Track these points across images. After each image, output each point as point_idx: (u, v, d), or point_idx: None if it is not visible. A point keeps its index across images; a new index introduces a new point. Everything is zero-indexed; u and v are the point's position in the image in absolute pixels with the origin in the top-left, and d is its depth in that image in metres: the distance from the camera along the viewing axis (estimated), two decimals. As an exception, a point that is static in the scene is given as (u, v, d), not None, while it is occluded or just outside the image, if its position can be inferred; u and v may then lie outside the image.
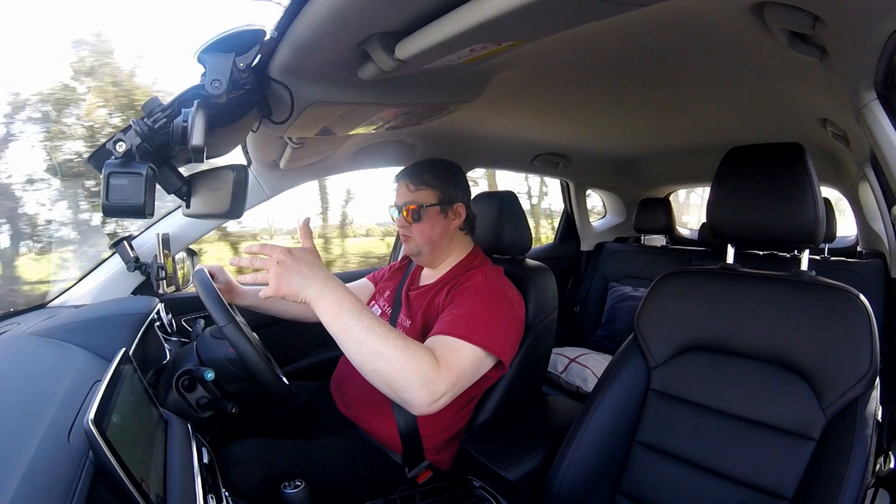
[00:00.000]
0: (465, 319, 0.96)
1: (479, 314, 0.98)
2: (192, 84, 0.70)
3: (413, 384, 0.80)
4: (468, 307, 1.00)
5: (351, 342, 0.79)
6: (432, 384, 0.82)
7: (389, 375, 0.80)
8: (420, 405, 0.82)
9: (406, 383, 0.80)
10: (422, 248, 1.16)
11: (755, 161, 0.92)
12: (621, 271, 2.44)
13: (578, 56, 0.93)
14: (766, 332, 0.87)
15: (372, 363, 0.79)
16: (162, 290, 1.26)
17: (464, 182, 1.21)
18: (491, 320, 0.99)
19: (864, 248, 2.02)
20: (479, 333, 0.94)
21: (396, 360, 0.79)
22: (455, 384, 0.87)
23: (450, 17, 0.60)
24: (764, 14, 0.71)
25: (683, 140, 1.82)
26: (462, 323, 0.95)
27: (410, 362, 0.80)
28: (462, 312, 0.98)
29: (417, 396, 0.81)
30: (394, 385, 0.80)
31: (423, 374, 0.81)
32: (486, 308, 1.00)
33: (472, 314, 0.98)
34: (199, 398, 0.86)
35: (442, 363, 0.86)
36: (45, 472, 0.44)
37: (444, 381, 0.84)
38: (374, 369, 0.80)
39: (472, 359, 0.92)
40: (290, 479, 0.84)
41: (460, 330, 0.93)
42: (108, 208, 0.71)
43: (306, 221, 0.87)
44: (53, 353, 0.77)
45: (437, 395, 0.83)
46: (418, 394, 0.81)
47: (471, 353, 0.92)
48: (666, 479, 0.91)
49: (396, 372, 0.79)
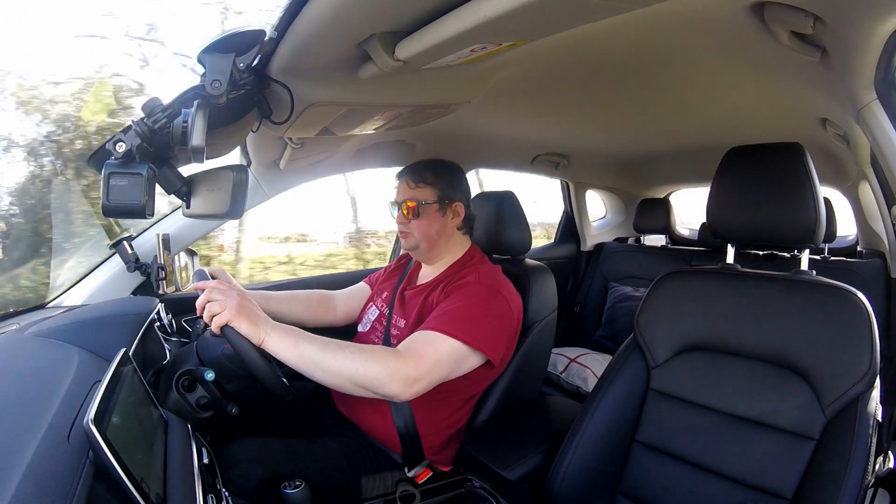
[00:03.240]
0: (451, 315, 0.98)
1: (467, 311, 1.00)
2: (192, 84, 0.70)
3: (382, 380, 0.86)
4: (458, 304, 1.01)
5: (314, 366, 0.85)
6: (399, 373, 0.88)
7: (358, 380, 0.86)
8: (398, 394, 0.88)
9: (376, 381, 0.86)
10: (419, 243, 1.16)
11: (755, 161, 0.92)
12: (621, 271, 2.44)
13: (578, 56, 0.93)
14: (766, 332, 0.87)
15: (339, 376, 0.86)
16: (162, 290, 1.26)
17: (464, 182, 1.22)
18: (479, 318, 1.00)
19: (864, 248, 2.01)
20: (461, 329, 0.96)
21: (358, 364, 0.85)
22: (429, 372, 0.92)
23: (450, 17, 0.60)
24: (764, 14, 0.71)
25: (683, 140, 1.82)
26: (447, 319, 0.98)
27: (371, 363, 0.86)
28: (450, 309, 1.01)
29: (390, 388, 0.87)
30: (367, 386, 0.86)
31: (387, 368, 0.87)
32: (475, 306, 1.01)
33: (460, 310, 0.99)
34: (199, 398, 0.86)
35: (408, 353, 0.91)
36: (45, 472, 0.44)
37: (412, 369, 0.89)
38: (344, 379, 0.86)
39: (449, 351, 0.95)
40: (290, 479, 0.84)
41: (442, 325, 0.96)
42: (108, 208, 0.71)
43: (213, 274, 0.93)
44: (53, 353, 0.77)
45: (409, 381, 0.88)
46: (390, 386, 0.87)
47: (447, 346, 0.95)
48: (666, 479, 0.91)
49: (362, 375, 0.85)
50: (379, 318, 1.23)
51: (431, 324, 0.98)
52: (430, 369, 0.92)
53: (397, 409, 1.06)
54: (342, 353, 0.86)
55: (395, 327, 1.16)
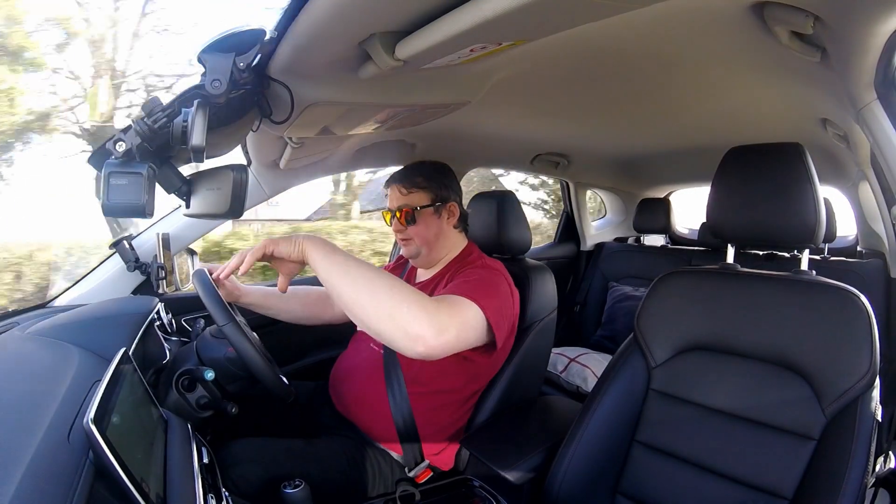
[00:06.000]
0: (469, 285, 0.97)
1: (482, 282, 1.00)
2: (193, 84, 0.70)
3: (417, 314, 0.77)
4: (472, 277, 1.02)
5: (349, 282, 0.79)
6: (435, 316, 0.79)
7: (391, 306, 0.77)
8: (426, 336, 0.77)
9: (409, 314, 0.77)
10: (420, 249, 1.16)
11: (755, 161, 0.92)
12: (621, 271, 2.44)
13: (578, 56, 0.93)
14: (766, 332, 0.87)
15: (372, 296, 0.77)
16: (162, 290, 1.26)
17: (455, 181, 1.22)
18: (493, 291, 1.00)
19: (864, 248, 2.01)
20: (482, 297, 0.93)
21: (396, 291, 0.79)
22: (459, 327, 0.85)
23: (450, 17, 0.60)
24: (764, 14, 0.71)
25: (683, 140, 1.82)
26: (467, 287, 0.96)
27: (411, 294, 0.80)
28: (464, 280, 1.00)
29: (422, 325, 0.77)
30: (396, 316, 0.77)
31: (424, 306, 0.79)
32: (487, 281, 1.02)
33: (477, 282, 0.99)
34: (199, 398, 0.86)
35: (444, 304, 0.86)
36: (45, 471, 0.44)
37: (447, 318, 0.82)
38: (376, 303, 0.77)
39: (474, 317, 0.91)
40: (290, 479, 0.84)
41: (465, 291, 0.93)
42: (108, 208, 0.71)
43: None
44: (53, 353, 0.77)
45: (442, 327, 0.79)
46: (422, 323, 0.77)
47: (473, 311, 0.91)
48: (666, 479, 0.91)
49: (398, 302, 0.77)
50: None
51: (453, 290, 0.95)
52: (460, 325, 0.86)
53: (397, 409, 1.06)
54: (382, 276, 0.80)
55: None
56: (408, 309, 0.77)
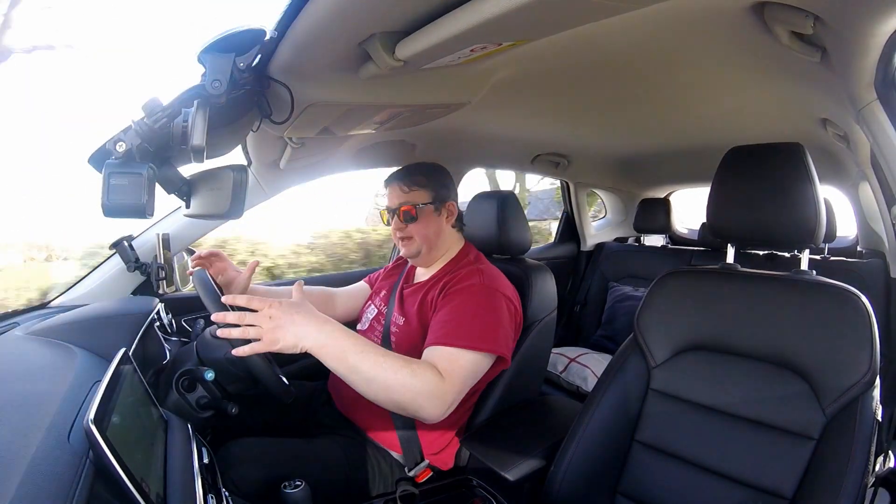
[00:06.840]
0: (463, 325, 0.97)
1: (477, 317, 0.99)
2: (193, 84, 0.70)
3: (424, 405, 0.86)
4: (465, 310, 1.01)
5: (361, 381, 0.83)
6: (441, 398, 0.88)
7: (401, 401, 0.85)
8: (433, 418, 0.88)
9: (417, 405, 0.86)
10: (421, 247, 1.16)
11: (755, 161, 0.92)
12: (621, 271, 2.44)
13: (578, 56, 0.93)
14: (766, 332, 0.87)
15: (385, 395, 0.84)
16: (162, 290, 1.26)
17: (452, 182, 1.24)
18: (490, 323, 1.00)
19: (864, 248, 2.01)
20: (477, 338, 0.96)
21: (406, 387, 0.84)
22: (461, 391, 0.93)
23: (450, 17, 0.60)
24: (764, 14, 0.71)
25: (683, 140, 1.82)
26: (461, 331, 0.96)
27: (419, 386, 0.85)
28: (459, 316, 0.99)
29: (430, 413, 0.87)
30: (407, 408, 0.86)
31: (431, 393, 0.86)
32: (483, 310, 1.01)
33: (471, 318, 0.99)
34: (199, 398, 0.86)
35: (446, 375, 0.90)
36: (45, 472, 0.44)
37: (450, 392, 0.90)
38: (387, 399, 0.85)
39: (473, 364, 0.96)
40: (290, 479, 0.84)
41: (459, 338, 0.95)
42: (108, 208, 0.71)
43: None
44: (53, 353, 0.77)
45: (446, 405, 0.89)
46: (430, 410, 0.87)
47: (471, 360, 0.95)
48: (666, 479, 0.91)
49: (409, 399, 0.85)
50: (377, 317, 1.23)
51: (446, 338, 0.96)
52: (461, 389, 0.93)
53: (397, 409, 1.07)
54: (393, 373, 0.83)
55: (395, 325, 1.16)
56: (412, 398, 0.85)
